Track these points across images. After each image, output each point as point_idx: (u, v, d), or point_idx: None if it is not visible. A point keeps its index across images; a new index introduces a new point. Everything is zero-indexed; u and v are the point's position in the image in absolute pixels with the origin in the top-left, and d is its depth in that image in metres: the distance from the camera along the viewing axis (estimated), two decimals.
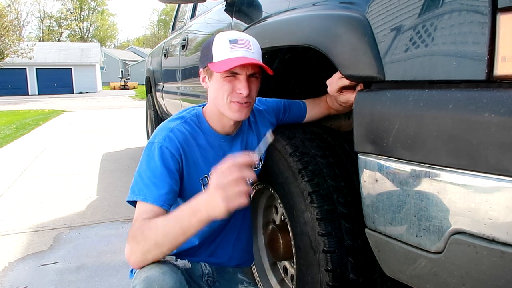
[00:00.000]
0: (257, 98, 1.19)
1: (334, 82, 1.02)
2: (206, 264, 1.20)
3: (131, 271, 1.13)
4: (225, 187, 0.81)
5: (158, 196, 0.98)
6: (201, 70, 1.10)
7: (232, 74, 1.01)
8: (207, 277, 1.17)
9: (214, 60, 1.01)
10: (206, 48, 1.06)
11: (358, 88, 0.93)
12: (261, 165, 1.23)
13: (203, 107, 1.17)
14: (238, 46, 1.01)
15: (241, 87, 1.01)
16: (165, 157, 1.02)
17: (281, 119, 1.26)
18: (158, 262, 0.97)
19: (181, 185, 1.06)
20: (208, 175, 1.12)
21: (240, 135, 1.18)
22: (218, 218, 0.85)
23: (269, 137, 0.95)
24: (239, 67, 0.99)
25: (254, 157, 0.88)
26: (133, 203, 1.02)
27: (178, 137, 1.05)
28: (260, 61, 1.03)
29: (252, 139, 1.20)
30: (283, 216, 1.32)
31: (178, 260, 1.10)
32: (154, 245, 0.90)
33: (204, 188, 1.12)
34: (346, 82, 0.97)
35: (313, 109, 1.28)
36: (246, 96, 1.02)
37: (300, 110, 1.27)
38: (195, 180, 1.10)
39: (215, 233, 1.23)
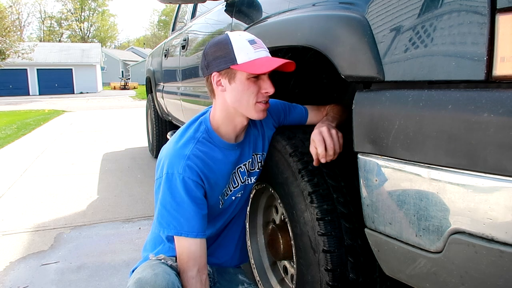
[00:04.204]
0: None
1: None
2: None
3: (132, 271, 1.13)
4: None
5: (192, 228, 1.01)
6: (214, 73, 1.04)
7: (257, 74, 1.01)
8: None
9: (239, 62, 0.99)
10: (221, 49, 1.01)
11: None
12: (259, 166, 1.23)
13: (208, 115, 1.14)
14: (258, 47, 1.02)
15: (267, 87, 1.03)
16: (189, 187, 1.02)
17: (281, 121, 1.25)
18: (152, 263, 0.98)
19: None
20: (227, 189, 1.13)
21: (247, 139, 1.17)
22: None
23: None
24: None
25: None
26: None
27: (197, 163, 1.04)
28: None
29: (258, 140, 1.20)
30: (283, 216, 1.32)
31: None
32: None
33: (221, 202, 1.14)
34: None
35: (315, 116, 1.27)
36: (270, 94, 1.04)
37: (301, 115, 1.26)
38: (216, 197, 1.11)
39: (217, 233, 1.23)
